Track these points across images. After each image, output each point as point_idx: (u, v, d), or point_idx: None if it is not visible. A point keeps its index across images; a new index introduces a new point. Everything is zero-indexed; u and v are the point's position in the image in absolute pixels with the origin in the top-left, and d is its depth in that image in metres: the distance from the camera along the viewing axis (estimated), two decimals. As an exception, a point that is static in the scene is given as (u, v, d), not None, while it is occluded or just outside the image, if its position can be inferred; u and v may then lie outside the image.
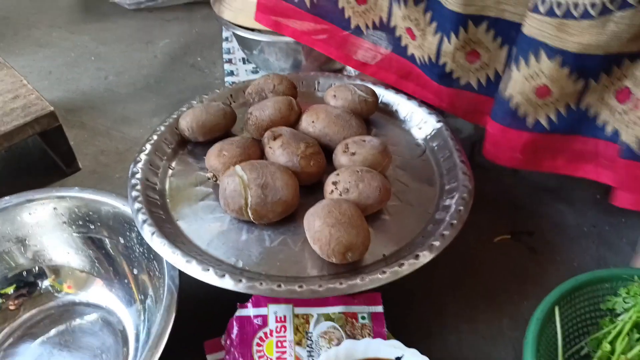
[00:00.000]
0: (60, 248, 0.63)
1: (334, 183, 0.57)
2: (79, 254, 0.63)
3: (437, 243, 0.54)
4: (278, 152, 0.60)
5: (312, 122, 0.65)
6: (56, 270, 0.63)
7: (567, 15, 0.54)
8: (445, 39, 0.66)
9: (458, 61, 0.67)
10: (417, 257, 0.52)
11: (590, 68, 0.58)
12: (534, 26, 0.57)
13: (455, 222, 0.56)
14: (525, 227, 0.74)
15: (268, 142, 0.62)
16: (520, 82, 0.60)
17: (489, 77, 0.68)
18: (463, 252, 0.69)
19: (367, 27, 0.76)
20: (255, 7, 0.88)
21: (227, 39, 1.14)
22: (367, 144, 0.61)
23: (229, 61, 1.08)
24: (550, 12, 0.55)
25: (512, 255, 0.70)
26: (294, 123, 0.67)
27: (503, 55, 0.65)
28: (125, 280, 0.63)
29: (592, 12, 0.53)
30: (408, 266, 0.52)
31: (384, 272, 0.51)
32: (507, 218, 0.75)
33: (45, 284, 0.63)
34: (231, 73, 1.04)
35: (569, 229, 0.73)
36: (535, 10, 0.56)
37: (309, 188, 0.61)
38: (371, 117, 0.73)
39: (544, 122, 0.63)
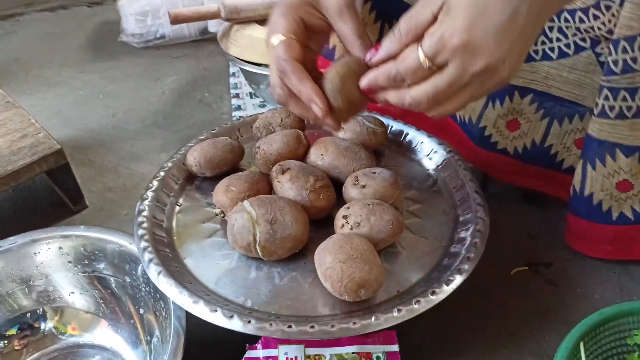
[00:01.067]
0: (65, 288, 0.62)
1: (345, 217, 0.55)
2: (84, 294, 0.62)
3: (454, 278, 0.52)
4: (287, 186, 0.59)
5: (320, 155, 0.64)
6: (60, 312, 0.62)
7: (638, 115, 0.56)
8: (490, 105, 0.68)
9: (498, 127, 0.69)
10: (433, 293, 0.50)
11: None
12: (605, 130, 0.58)
13: (472, 255, 0.54)
14: (543, 258, 0.71)
15: (276, 177, 0.61)
16: (600, 180, 0.62)
17: (525, 145, 0.70)
18: (479, 285, 0.67)
19: None
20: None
21: (234, 74, 1.15)
22: (377, 176, 0.60)
23: (237, 96, 1.08)
24: (621, 116, 0.57)
25: (530, 288, 0.68)
26: (302, 156, 0.66)
27: (543, 126, 0.68)
28: (132, 321, 0.61)
29: None
30: (425, 303, 0.50)
31: (400, 310, 0.49)
32: (523, 249, 0.73)
33: (49, 325, 0.61)
34: (239, 107, 1.05)
35: (587, 258, 0.71)
36: (603, 115, 0.57)
37: (319, 222, 0.60)
38: (380, 148, 0.72)
39: (628, 214, 0.64)
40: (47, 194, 0.87)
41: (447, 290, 0.51)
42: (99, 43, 1.35)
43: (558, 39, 0.61)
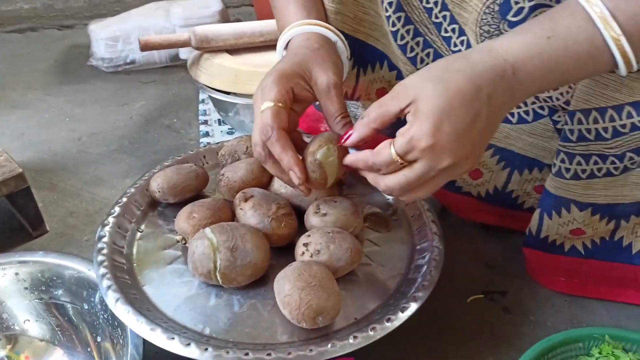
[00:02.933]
0: (20, 316, 0.61)
1: (305, 245, 0.57)
2: (40, 321, 0.61)
3: (409, 305, 0.54)
4: (249, 213, 0.60)
5: (283, 184, 0.66)
6: (13, 339, 0.60)
7: (592, 176, 0.61)
8: None
9: (461, 175, 0.73)
10: (389, 320, 0.52)
11: (619, 213, 0.64)
12: (561, 187, 0.63)
13: (426, 283, 0.56)
14: (499, 286, 0.74)
15: (239, 204, 0.62)
16: (556, 227, 0.67)
17: (488, 190, 0.75)
18: (436, 312, 0.68)
19: None
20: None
21: (203, 101, 1.17)
22: (338, 205, 0.62)
23: (205, 122, 1.09)
24: (576, 177, 0.61)
25: (485, 315, 0.70)
26: (266, 184, 0.67)
27: (504, 175, 0.72)
28: (88, 349, 0.60)
29: (615, 172, 0.60)
30: (380, 330, 0.51)
31: (356, 337, 0.50)
32: (480, 277, 0.75)
33: (1, 354, 0.60)
34: (207, 134, 1.06)
35: (541, 288, 0.73)
36: (559, 175, 0.62)
37: (281, 250, 0.61)
38: (343, 178, 0.73)
39: (579, 248, 0.69)
40: (5, 218, 0.86)
41: (402, 317, 0.52)
42: (68, 66, 1.34)
43: (518, 106, 0.65)
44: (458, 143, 0.46)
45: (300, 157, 0.56)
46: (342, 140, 0.54)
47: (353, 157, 0.54)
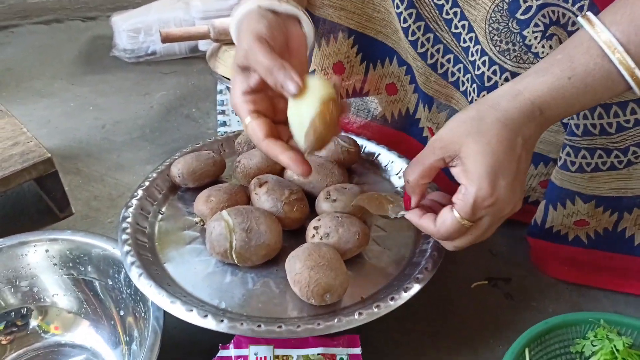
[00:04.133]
0: (50, 289, 0.65)
1: (315, 228, 0.60)
2: (68, 295, 0.65)
3: (412, 286, 0.57)
4: (263, 198, 0.63)
5: (296, 171, 0.69)
6: (45, 311, 0.65)
7: (596, 169, 0.63)
8: None
9: None
10: (392, 298, 0.55)
11: (622, 205, 0.66)
12: (566, 180, 0.65)
13: (429, 266, 0.59)
14: (502, 273, 0.76)
15: (254, 189, 0.65)
16: (560, 218, 0.69)
17: None
18: (442, 298, 0.71)
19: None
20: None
21: (221, 91, 1.20)
22: (347, 192, 0.65)
23: (222, 112, 1.13)
24: (580, 170, 0.64)
25: (489, 300, 0.72)
26: (279, 171, 0.71)
27: None
28: (112, 322, 0.64)
29: (618, 166, 0.62)
30: (384, 308, 0.54)
31: (361, 314, 0.53)
32: (484, 265, 0.77)
33: (33, 324, 0.64)
34: (224, 124, 1.09)
35: (544, 276, 0.75)
36: (565, 168, 0.64)
37: (292, 232, 0.64)
38: (353, 166, 0.77)
39: (583, 238, 0.71)
40: (34, 200, 0.91)
41: (405, 296, 0.55)
42: (91, 57, 1.39)
43: None
44: (512, 190, 0.50)
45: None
46: (400, 214, 0.58)
47: (415, 220, 0.57)
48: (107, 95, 1.22)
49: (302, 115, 0.51)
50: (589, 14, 0.49)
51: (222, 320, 0.52)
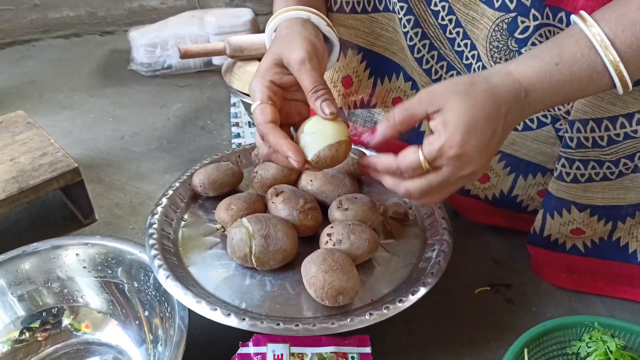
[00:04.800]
0: (82, 290, 0.70)
1: (329, 234, 0.64)
2: (98, 296, 0.70)
3: (419, 289, 0.61)
4: (280, 206, 0.68)
5: (310, 181, 0.74)
6: (76, 310, 0.69)
7: (590, 180, 0.67)
8: None
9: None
10: (401, 301, 0.59)
11: (616, 214, 0.70)
12: (562, 190, 0.69)
13: (435, 271, 0.63)
14: (504, 280, 0.80)
15: (271, 198, 0.70)
16: (557, 227, 0.72)
17: (495, 194, 0.81)
18: (447, 302, 0.75)
19: None
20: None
21: (234, 104, 1.25)
22: (358, 201, 0.69)
23: (236, 124, 1.18)
24: (575, 180, 0.67)
25: (491, 305, 0.76)
26: (294, 182, 0.76)
27: (510, 180, 0.78)
28: (137, 322, 0.69)
29: (611, 177, 0.66)
30: (393, 309, 0.58)
31: (371, 314, 0.58)
32: (487, 272, 0.81)
33: (65, 322, 0.69)
34: (238, 135, 1.14)
35: (544, 282, 0.79)
36: (561, 178, 0.68)
37: (307, 239, 0.69)
38: (363, 177, 0.81)
39: (580, 247, 0.74)
40: (58, 207, 0.95)
41: (412, 299, 0.60)
42: (109, 70, 1.44)
43: None
44: (479, 154, 0.52)
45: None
46: (365, 140, 0.56)
47: (373, 160, 0.56)
48: (125, 107, 1.27)
49: (328, 132, 0.56)
50: (583, 12, 0.53)
51: (243, 319, 0.56)
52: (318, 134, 0.56)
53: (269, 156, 0.59)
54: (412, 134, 0.87)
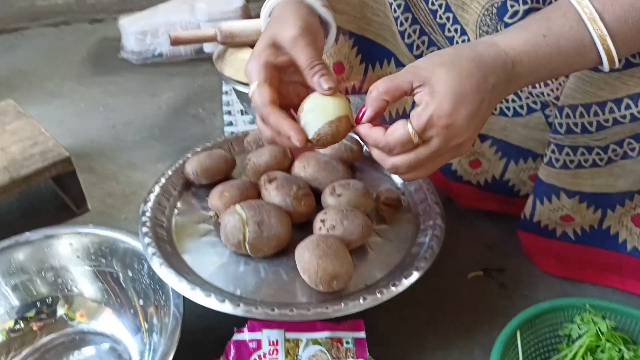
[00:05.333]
0: (76, 280, 0.70)
1: (322, 221, 0.65)
2: (92, 285, 0.70)
3: (411, 274, 0.61)
4: (273, 193, 0.68)
5: (303, 168, 0.74)
6: (70, 300, 0.69)
7: (579, 167, 0.67)
8: None
9: (462, 165, 0.80)
10: (394, 285, 0.60)
11: (605, 202, 0.69)
12: (552, 176, 0.69)
13: (427, 255, 0.64)
14: (496, 264, 0.81)
15: (264, 185, 0.70)
16: (547, 213, 0.72)
17: (487, 179, 0.81)
18: (440, 288, 0.76)
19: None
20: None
21: (226, 92, 1.24)
22: (351, 187, 0.69)
23: (228, 112, 1.17)
24: (564, 167, 0.67)
25: (484, 290, 0.77)
26: (287, 168, 0.75)
27: (501, 165, 0.78)
28: (132, 311, 0.69)
29: (600, 163, 0.66)
30: (386, 294, 0.59)
31: (365, 299, 0.58)
32: (480, 257, 0.82)
33: (60, 312, 0.69)
34: (230, 123, 1.14)
35: (536, 267, 0.80)
36: (550, 164, 0.67)
37: (300, 225, 0.69)
38: (356, 163, 0.81)
39: (570, 234, 0.74)
40: (50, 197, 0.95)
41: (405, 283, 0.60)
42: (99, 58, 1.42)
43: (513, 100, 0.71)
44: (468, 124, 0.50)
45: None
46: (359, 119, 0.54)
47: (364, 131, 0.54)
48: (116, 96, 1.26)
49: (328, 109, 0.54)
50: None
51: (238, 305, 0.57)
52: (318, 111, 0.55)
53: (273, 139, 0.57)
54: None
